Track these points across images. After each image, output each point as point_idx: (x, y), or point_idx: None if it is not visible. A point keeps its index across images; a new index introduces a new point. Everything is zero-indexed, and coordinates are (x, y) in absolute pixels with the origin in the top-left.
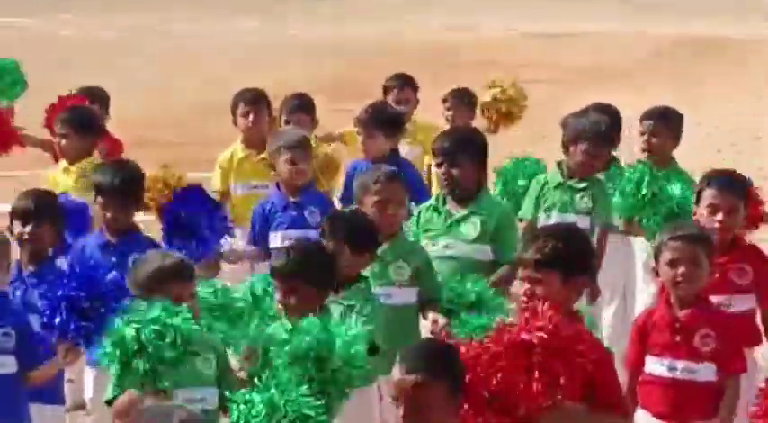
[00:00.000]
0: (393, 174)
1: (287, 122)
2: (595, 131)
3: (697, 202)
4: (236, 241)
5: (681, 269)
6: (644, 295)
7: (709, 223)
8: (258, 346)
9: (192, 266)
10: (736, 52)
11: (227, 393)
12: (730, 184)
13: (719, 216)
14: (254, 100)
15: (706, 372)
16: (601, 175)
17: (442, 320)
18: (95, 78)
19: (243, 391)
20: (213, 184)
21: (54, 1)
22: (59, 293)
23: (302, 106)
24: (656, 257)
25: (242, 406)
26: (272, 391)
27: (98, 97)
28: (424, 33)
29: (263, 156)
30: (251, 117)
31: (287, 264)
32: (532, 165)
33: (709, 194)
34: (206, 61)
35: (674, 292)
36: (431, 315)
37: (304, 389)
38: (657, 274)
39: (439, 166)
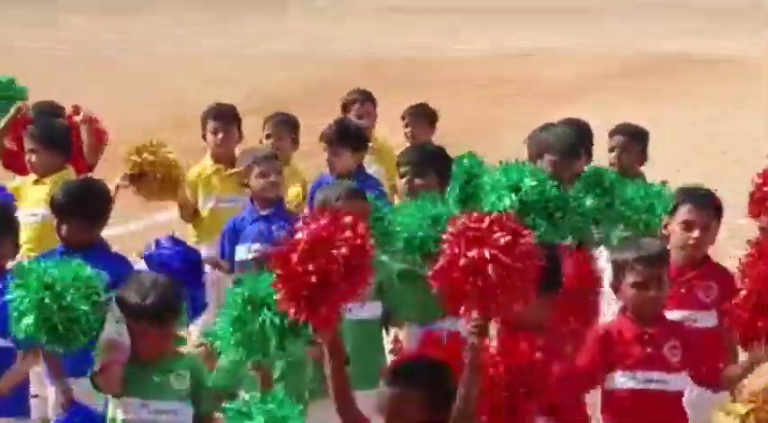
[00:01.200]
0: (355, 190)
1: (267, 137)
2: (560, 144)
3: (671, 214)
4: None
5: (651, 293)
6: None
7: (683, 239)
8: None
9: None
10: (703, 69)
11: (208, 408)
12: (706, 201)
13: (695, 233)
14: (224, 117)
15: (677, 382)
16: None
17: (402, 340)
18: (53, 94)
19: (238, 403)
20: None
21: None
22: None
23: (285, 123)
24: (617, 274)
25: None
26: (271, 406)
27: (53, 113)
28: (397, 50)
29: (231, 171)
30: (220, 135)
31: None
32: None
33: (684, 210)
34: (177, 73)
35: (639, 311)
36: (393, 333)
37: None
38: (616, 289)
39: (403, 176)
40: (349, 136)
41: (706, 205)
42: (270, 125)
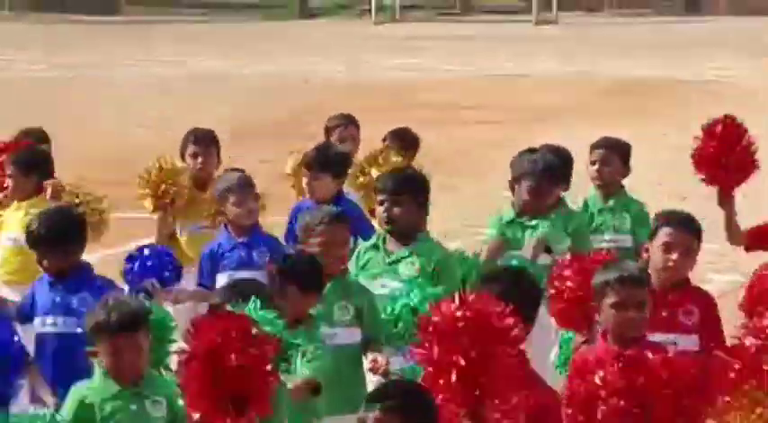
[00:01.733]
0: (337, 215)
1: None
2: (538, 169)
3: (650, 237)
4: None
5: (631, 313)
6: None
7: (663, 261)
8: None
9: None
10: (682, 92)
11: None
12: (686, 224)
13: (674, 255)
14: (204, 141)
15: None
16: (552, 215)
17: (381, 360)
18: (38, 117)
19: None
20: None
21: None
22: None
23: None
24: (597, 297)
25: None
26: None
27: (37, 139)
28: (379, 73)
29: (207, 197)
30: (200, 159)
31: (224, 302)
32: None
33: (664, 233)
34: (149, 100)
35: (618, 332)
36: (370, 355)
37: None
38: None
39: (381, 204)
40: (330, 161)
41: (686, 228)
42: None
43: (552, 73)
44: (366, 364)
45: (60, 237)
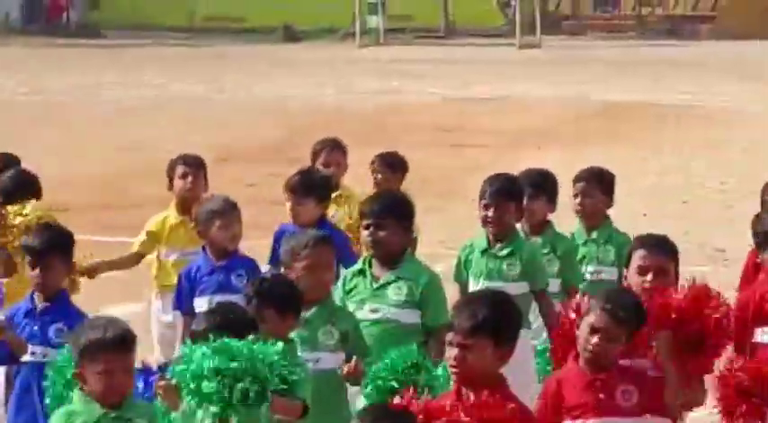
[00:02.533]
0: (322, 238)
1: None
2: (495, 188)
3: (627, 264)
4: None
5: (595, 339)
6: None
7: (638, 284)
8: None
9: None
10: (660, 116)
11: None
12: (659, 245)
13: (649, 276)
14: (194, 163)
15: None
16: (537, 239)
17: (352, 363)
18: (21, 141)
19: None
20: (133, 246)
21: None
22: None
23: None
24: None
25: None
26: None
27: (8, 164)
28: (364, 96)
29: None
30: (189, 179)
31: (207, 328)
32: None
33: (638, 256)
34: (132, 124)
35: (584, 356)
36: (345, 367)
37: None
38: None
39: (366, 228)
40: (313, 185)
41: (660, 248)
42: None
43: (536, 96)
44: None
45: (63, 250)
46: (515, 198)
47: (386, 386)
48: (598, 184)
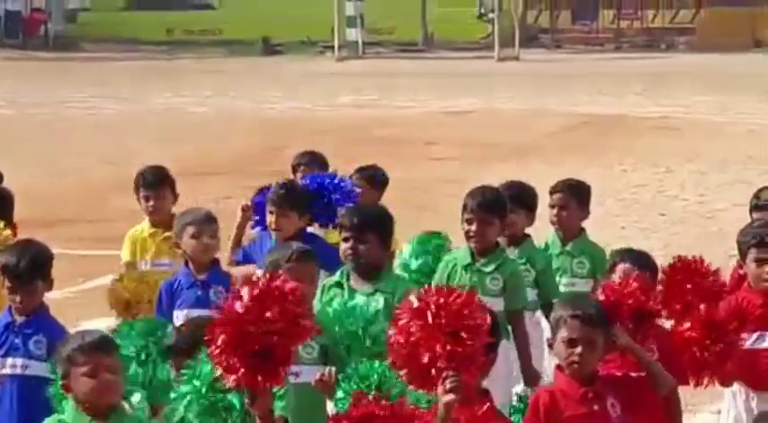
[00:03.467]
0: (305, 252)
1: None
2: (477, 202)
3: (608, 274)
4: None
5: (578, 349)
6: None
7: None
8: None
9: (112, 342)
10: (638, 129)
11: None
12: (644, 260)
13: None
14: (154, 184)
15: None
16: (513, 253)
17: (326, 372)
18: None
19: None
20: (122, 256)
21: None
22: None
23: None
24: (553, 331)
25: None
26: None
27: None
28: (343, 109)
29: (167, 235)
30: (151, 202)
31: (178, 342)
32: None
33: (620, 270)
34: (109, 137)
35: (569, 370)
36: (318, 374)
37: None
38: (551, 346)
39: (345, 240)
40: (296, 198)
41: (642, 264)
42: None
43: (515, 109)
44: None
45: (41, 270)
46: (499, 212)
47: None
48: (574, 196)
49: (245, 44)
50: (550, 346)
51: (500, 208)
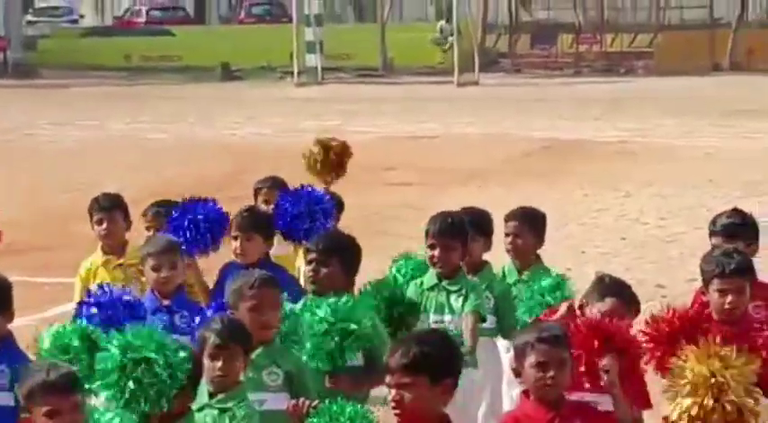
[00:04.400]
0: (268, 279)
1: (148, 229)
2: (439, 228)
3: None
4: None
5: (551, 372)
6: (513, 393)
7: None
8: None
9: (76, 380)
10: (598, 153)
11: None
12: (625, 293)
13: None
14: (107, 207)
15: None
16: (473, 280)
17: (301, 402)
18: None
19: None
20: (74, 297)
21: None
22: None
23: (165, 213)
24: (519, 358)
25: None
26: None
27: None
28: (301, 135)
29: (120, 262)
30: (104, 225)
31: None
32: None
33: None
34: (71, 164)
35: (541, 392)
36: (290, 404)
37: None
38: (518, 374)
39: (309, 263)
40: (259, 222)
41: (626, 300)
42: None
43: (475, 133)
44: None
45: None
46: (461, 237)
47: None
48: (528, 224)
49: (204, 70)
50: (517, 373)
51: (462, 232)
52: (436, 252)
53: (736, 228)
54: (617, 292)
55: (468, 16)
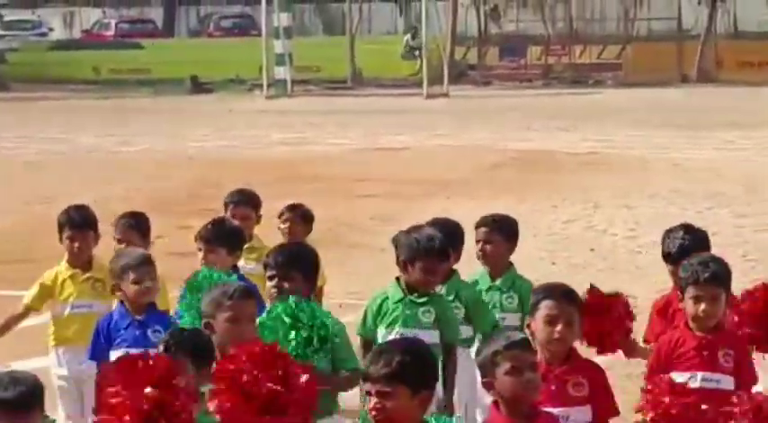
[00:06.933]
0: (246, 290)
1: (119, 241)
2: (430, 248)
3: (531, 313)
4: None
5: (528, 375)
6: (484, 403)
7: (548, 334)
8: None
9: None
10: (567, 164)
11: None
12: (568, 296)
13: (559, 327)
14: (81, 225)
15: None
16: (441, 289)
17: None
18: None
19: None
20: (25, 297)
21: None
22: None
23: (136, 225)
24: (488, 370)
25: None
26: None
27: None
28: (271, 147)
29: (88, 275)
30: (77, 243)
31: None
32: None
33: (546, 305)
34: (39, 177)
35: (516, 399)
36: None
37: None
38: (487, 386)
39: (270, 279)
40: (224, 235)
41: (567, 300)
42: (119, 229)
43: (444, 145)
44: None
45: None
46: (445, 258)
47: None
48: (500, 231)
49: (173, 83)
50: (486, 386)
51: (445, 255)
52: (422, 275)
53: (689, 247)
54: (553, 293)
55: (438, 29)
